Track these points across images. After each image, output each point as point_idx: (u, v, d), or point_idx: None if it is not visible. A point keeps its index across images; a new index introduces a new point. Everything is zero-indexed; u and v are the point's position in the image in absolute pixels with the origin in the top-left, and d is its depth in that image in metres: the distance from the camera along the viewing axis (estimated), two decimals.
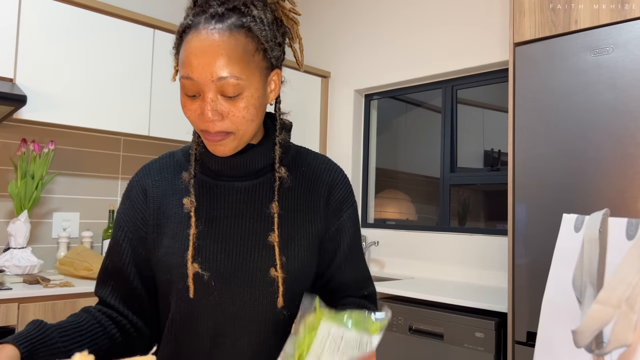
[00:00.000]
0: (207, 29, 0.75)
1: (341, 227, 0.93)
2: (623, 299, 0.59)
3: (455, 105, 3.01)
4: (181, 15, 3.09)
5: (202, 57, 0.74)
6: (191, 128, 1.00)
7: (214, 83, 0.75)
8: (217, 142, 0.79)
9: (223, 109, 0.77)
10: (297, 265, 0.86)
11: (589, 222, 0.69)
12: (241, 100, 0.77)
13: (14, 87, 2.12)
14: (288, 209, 0.88)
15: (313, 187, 0.91)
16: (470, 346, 2.06)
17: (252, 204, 0.87)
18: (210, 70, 0.74)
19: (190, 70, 0.75)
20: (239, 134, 0.80)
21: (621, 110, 1.73)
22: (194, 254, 0.84)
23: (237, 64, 0.75)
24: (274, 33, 0.82)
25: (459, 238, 2.82)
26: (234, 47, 0.75)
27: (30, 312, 1.96)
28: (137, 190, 0.91)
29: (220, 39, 0.75)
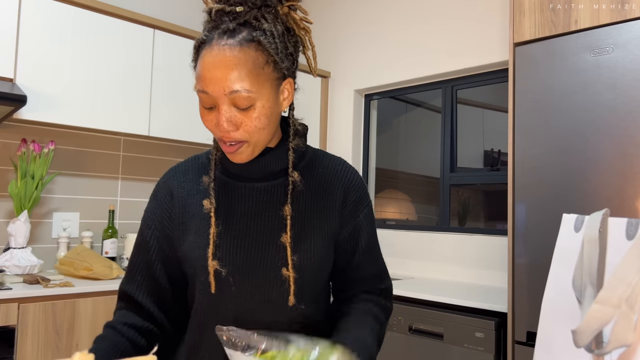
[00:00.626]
0: (219, 45, 0.79)
1: (358, 227, 0.97)
2: (623, 299, 0.59)
3: (455, 105, 3.01)
4: (181, 15, 3.10)
5: (215, 71, 0.78)
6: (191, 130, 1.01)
7: (226, 96, 0.79)
8: (234, 152, 0.85)
9: (237, 120, 0.81)
10: (310, 265, 0.90)
11: (588, 222, 0.69)
12: (253, 111, 0.81)
13: (14, 87, 2.12)
14: (303, 210, 0.92)
15: (329, 189, 0.95)
16: (470, 346, 2.07)
17: (268, 204, 0.92)
18: (222, 84, 0.79)
19: (204, 84, 0.80)
20: (253, 141, 0.84)
21: (621, 110, 1.73)
22: (214, 251, 0.89)
23: (247, 77, 0.79)
24: (284, 44, 0.85)
25: (458, 238, 2.82)
26: (244, 62, 0.79)
27: (30, 312, 1.96)
28: (164, 191, 0.97)
29: (231, 54, 0.78)
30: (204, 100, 0.82)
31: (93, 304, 2.12)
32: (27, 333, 1.95)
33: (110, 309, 2.17)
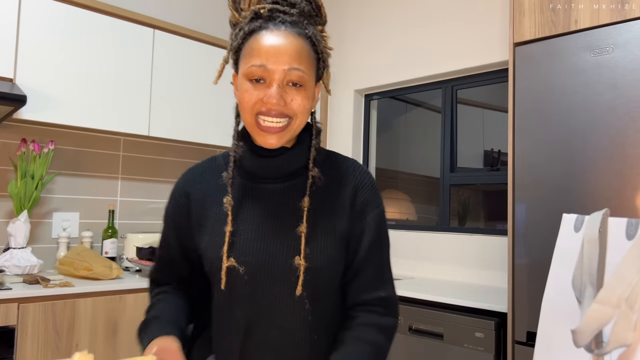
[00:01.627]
0: (279, 30, 0.89)
1: (364, 228, 0.97)
2: (623, 299, 0.59)
3: (455, 105, 3.01)
4: (181, 15, 3.09)
5: (279, 48, 0.87)
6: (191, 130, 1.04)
7: (285, 72, 0.87)
8: (273, 133, 0.89)
9: (288, 95, 0.88)
10: (321, 258, 0.92)
11: (588, 222, 0.69)
12: (303, 90, 0.89)
13: (14, 87, 2.12)
14: (317, 208, 0.95)
15: (340, 189, 0.97)
16: (470, 346, 2.06)
17: (285, 204, 0.95)
18: (284, 60, 0.87)
19: (265, 58, 0.87)
20: (294, 123, 0.90)
21: (621, 110, 1.73)
22: (228, 249, 0.92)
23: (304, 60, 0.89)
24: (323, 51, 0.96)
25: (458, 238, 2.82)
26: (302, 48, 0.89)
27: (30, 312, 1.96)
28: (181, 193, 1.01)
29: (294, 38, 0.89)
30: (257, 73, 0.87)
31: (93, 304, 2.12)
32: (27, 333, 1.95)
33: (111, 308, 2.17)
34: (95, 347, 2.13)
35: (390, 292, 0.98)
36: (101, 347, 2.14)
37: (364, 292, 0.97)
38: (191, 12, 3.18)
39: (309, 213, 0.93)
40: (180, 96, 2.78)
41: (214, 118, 2.92)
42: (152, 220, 2.99)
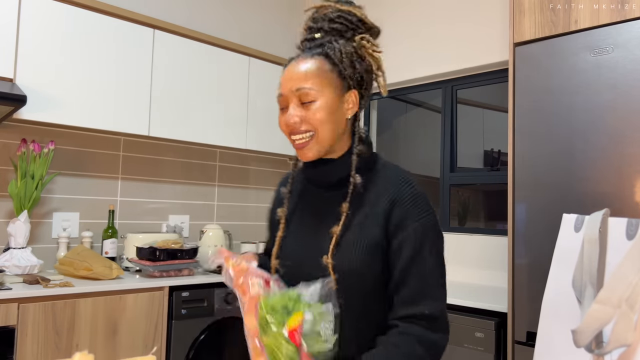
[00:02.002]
0: (297, 59, 1.02)
1: (404, 241, 0.97)
2: (623, 299, 0.59)
3: (455, 105, 3.01)
4: (181, 15, 3.09)
5: (288, 76, 1.01)
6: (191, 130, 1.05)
7: (294, 94, 0.99)
8: (303, 147, 1.00)
9: (300, 113, 0.99)
10: (348, 259, 0.97)
11: (589, 222, 0.69)
12: (314, 105, 0.99)
13: (14, 87, 2.12)
14: (354, 214, 1.01)
15: (378, 199, 1.01)
16: (470, 346, 2.06)
17: (326, 210, 1.05)
18: (291, 84, 0.99)
19: (281, 88, 1.02)
20: (318, 135, 0.99)
21: (621, 110, 1.73)
22: (277, 252, 1.07)
23: (311, 78, 0.99)
24: (351, 60, 1.03)
25: (459, 238, 2.82)
26: (311, 66, 1.00)
27: (30, 312, 1.96)
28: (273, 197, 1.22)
29: (303, 63, 1.01)
30: (280, 102, 1.02)
31: (93, 304, 2.12)
32: (27, 333, 1.95)
33: (111, 308, 2.17)
34: (96, 347, 2.13)
35: (434, 308, 0.95)
36: (101, 347, 2.14)
37: (406, 306, 0.95)
38: (191, 12, 3.18)
39: (346, 218, 1.00)
40: (180, 96, 2.78)
41: (214, 118, 2.92)
42: (152, 220, 2.99)
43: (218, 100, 2.95)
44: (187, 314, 2.40)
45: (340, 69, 1.01)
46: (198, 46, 2.87)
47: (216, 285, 2.53)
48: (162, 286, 2.34)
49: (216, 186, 3.30)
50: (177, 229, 2.91)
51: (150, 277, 2.40)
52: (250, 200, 3.46)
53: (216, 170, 3.30)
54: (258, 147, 3.15)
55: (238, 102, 3.06)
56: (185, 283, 2.40)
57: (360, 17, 1.07)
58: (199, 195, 3.21)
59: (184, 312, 2.39)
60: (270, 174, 3.59)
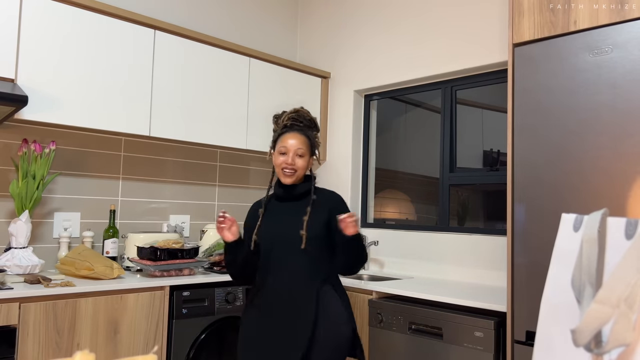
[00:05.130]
0: (294, 132, 1.93)
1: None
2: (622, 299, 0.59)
3: (454, 105, 3.01)
4: (181, 16, 3.10)
5: (293, 141, 1.91)
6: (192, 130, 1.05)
7: (295, 150, 1.90)
8: (289, 176, 1.90)
9: (297, 160, 1.90)
10: (312, 231, 1.87)
11: (588, 222, 0.69)
12: (304, 159, 1.92)
13: (15, 88, 2.12)
14: (312, 213, 1.91)
15: (323, 204, 1.94)
16: (469, 345, 2.07)
17: (295, 211, 1.93)
18: (295, 145, 1.90)
19: (287, 144, 1.90)
20: (298, 173, 1.91)
21: (620, 110, 1.73)
22: (257, 231, 1.94)
23: (304, 145, 1.92)
24: (314, 143, 1.99)
25: (458, 238, 2.82)
26: (304, 141, 1.93)
27: (32, 311, 1.97)
28: (252, 210, 2.04)
29: (300, 136, 1.92)
30: (282, 150, 1.90)
31: (94, 303, 2.13)
32: (28, 333, 1.96)
33: (112, 308, 2.18)
34: (97, 347, 2.14)
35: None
36: (102, 347, 2.15)
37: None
38: (192, 12, 3.18)
39: (310, 213, 1.92)
40: (181, 96, 2.78)
41: (214, 118, 2.93)
42: (153, 220, 3.00)
43: (218, 100, 2.96)
44: (187, 313, 2.40)
45: (312, 145, 1.96)
46: (198, 47, 2.88)
47: (217, 284, 2.54)
48: (162, 286, 2.35)
49: (216, 186, 3.30)
50: (177, 229, 2.91)
51: (151, 276, 2.41)
52: (250, 200, 3.47)
53: (216, 170, 3.31)
54: (258, 147, 3.15)
55: (238, 102, 3.06)
56: (186, 282, 2.41)
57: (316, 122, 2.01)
58: (199, 195, 3.21)
59: (185, 311, 2.40)
60: (270, 174, 3.59)
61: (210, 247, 2.86)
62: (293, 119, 1.93)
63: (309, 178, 1.98)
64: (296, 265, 1.84)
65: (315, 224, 1.87)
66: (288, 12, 3.77)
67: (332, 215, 1.90)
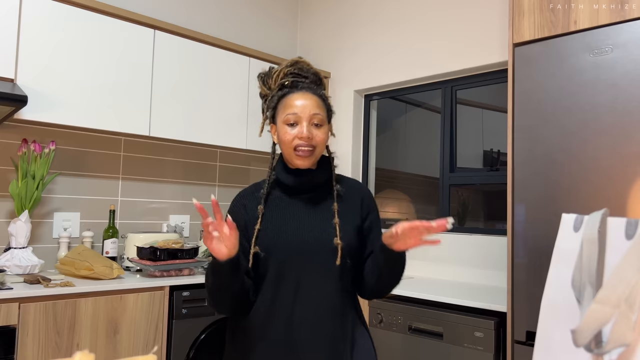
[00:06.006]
0: (302, 92, 1.35)
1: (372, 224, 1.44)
2: (622, 299, 0.59)
3: (454, 105, 3.01)
4: (181, 16, 3.09)
5: (305, 102, 1.33)
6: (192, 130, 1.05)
7: (310, 116, 1.32)
8: (305, 157, 1.32)
9: (313, 132, 1.32)
10: (347, 239, 1.34)
11: (588, 222, 0.69)
12: (322, 129, 1.35)
13: (15, 88, 2.12)
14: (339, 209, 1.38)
15: (350, 197, 1.42)
16: (469, 346, 2.07)
17: (314, 207, 1.37)
18: (309, 108, 1.33)
19: (296, 109, 1.32)
20: (317, 150, 1.34)
21: (620, 110, 1.73)
22: (257, 239, 1.32)
23: (321, 109, 1.35)
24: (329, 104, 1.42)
25: (458, 238, 2.82)
26: (318, 101, 1.35)
27: (31, 311, 1.96)
28: (239, 205, 1.40)
29: (312, 95, 1.35)
30: (291, 119, 1.32)
31: (94, 303, 2.13)
32: (28, 333, 1.96)
33: (111, 308, 2.18)
34: (96, 347, 2.14)
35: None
36: (102, 347, 2.15)
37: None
38: (191, 12, 3.18)
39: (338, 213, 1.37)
40: (181, 96, 2.78)
41: (214, 118, 2.92)
42: (153, 220, 3.00)
43: (218, 100, 2.96)
44: (187, 313, 2.40)
45: (327, 110, 1.39)
46: (198, 46, 2.87)
47: None
48: (162, 286, 2.35)
49: (216, 186, 3.30)
50: (177, 229, 2.91)
51: (150, 276, 2.41)
52: None
53: (216, 170, 3.30)
54: (258, 147, 3.15)
55: (238, 102, 3.06)
56: (185, 283, 2.41)
57: (322, 77, 1.46)
58: (199, 195, 3.21)
59: (185, 311, 2.39)
60: None
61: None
62: (294, 74, 1.39)
63: (325, 160, 1.43)
64: (325, 291, 1.29)
65: (348, 228, 1.35)
66: (288, 12, 3.77)
67: (365, 215, 1.41)
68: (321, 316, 1.28)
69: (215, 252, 1.14)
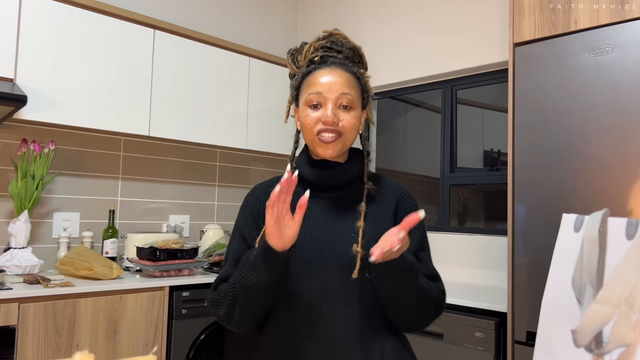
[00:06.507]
0: (331, 67, 1.13)
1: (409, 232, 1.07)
2: (623, 299, 0.59)
3: (455, 105, 3.01)
4: (181, 15, 3.09)
5: (332, 79, 1.11)
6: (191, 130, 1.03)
7: (337, 96, 1.09)
8: (329, 143, 1.09)
9: (340, 115, 1.10)
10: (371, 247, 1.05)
11: (588, 222, 0.69)
12: (351, 112, 1.11)
13: (15, 87, 2.12)
14: (368, 212, 1.14)
15: (384, 199, 1.17)
16: (470, 346, 2.07)
17: (340, 208, 1.14)
18: (336, 87, 1.10)
19: (320, 87, 1.10)
20: (344, 138, 1.11)
21: (620, 110, 1.73)
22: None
23: (352, 88, 1.12)
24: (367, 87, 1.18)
25: (458, 238, 2.82)
26: (350, 79, 1.12)
27: (31, 312, 1.96)
28: (253, 199, 1.19)
29: (342, 72, 1.12)
30: (314, 99, 1.10)
31: (93, 304, 2.13)
32: (28, 333, 1.96)
33: (111, 308, 2.17)
34: (96, 347, 2.13)
35: (443, 287, 1.15)
36: (102, 347, 2.15)
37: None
38: (191, 12, 3.18)
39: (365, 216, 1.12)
40: (181, 96, 2.78)
41: (214, 118, 2.92)
42: (153, 220, 2.99)
43: (218, 100, 2.95)
44: (187, 313, 2.40)
45: (363, 91, 1.16)
46: (198, 46, 2.87)
47: None
48: (162, 286, 2.34)
49: (216, 186, 3.30)
50: (177, 229, 2.91)
51: (150, 277, 2.40)
52: None
53: (216, 170, 3.30)
54: (258, 147, 3.15)
55: (238, 102, 3.06)
56: (185, 283, 2.41)
57: (361, 54, 1.23)
58: (199, 195, 3.21)
59: (185, 312, 2.39)
60: (270, 174, 3.59)
61: (209, 247, 2.85)
62: (325, 47, 1.18)
63: (358, 153, 1.21)
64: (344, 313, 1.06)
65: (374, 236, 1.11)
66: (288, 12, 3.77)
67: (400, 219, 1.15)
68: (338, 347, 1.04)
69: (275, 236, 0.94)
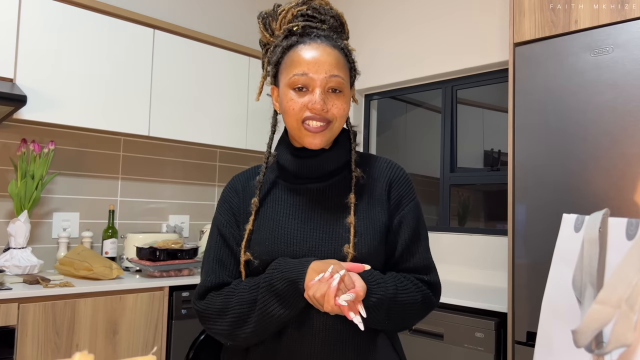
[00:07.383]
0: (316, 42, 0.99)
1: (402, 220, 1.03)
2: (623, 299, 0.59)
3: (455, 105, 3.01)
4: (181, 15, 3.09)
5: (319, 58, 0.96)
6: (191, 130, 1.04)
7: (326, 79, 0.96)
8: (317, 133, 0.96)
9: (329, 101, 0.97)
10: (366, 248, 0.98)
11: (588, 222, 0.69)
12: (341, 96, 0.99)
13: (14, 87, 2.12)
14: (359, 204, 1.02)
15: (376, 184, 1.04)
16: (470, 346, 2.07)
17: (327, 201, 1.02)
18: (325, 68, 0.96)
19: (307, 68, 0.96)
20: (333, 126, 0.99)
21: (621, 110, 1.73)
22: (246, 245, 1.00)
23: (341, 69, 0.99)
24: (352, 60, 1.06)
25: (458, 238, 2.82)
26: (338, 58, 0.99)
27: (31, 312, 1.96)
28: (231, 192, 1.08)
29: (331, 49, 0.99)
30: (300, 81, 0.96)
31: (93, 304, 2.12)
32: (27, 333, 1.95)
33: (111, 309, 2.17)
34: (96, 347, 2.13)
35: (434, 278, 1.05)
36: (101, 347, 2.14)
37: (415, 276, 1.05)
38: (191, 12, 3.18)
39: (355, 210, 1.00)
40: (181, 96, 2.78)
41: (214, 118, 2.92)
42: (152, 220, 2.99)
43: (218, 100, 2.95)
44: (187, 314, 2.40)
45: (351, 68, 1.04)
46: (198, 46, 2.87)
47: None
48: (162, 286, 2.34)
49: (216, 186, 3.30)
50: (177, 229, 2.91)
51: (150, 277, 2.40)
52: None
53: (216, 170, 3.30)
54: (258, 147, 3.15)
55: (238, 102, 3.06)
56: (185, 283, 2.40)
57: (344, 23, 1.11)
58: (199, 195, 3.21)
59: (184, 312, 2.39)
60: None
61: None
62: (306, 16, 1.04)
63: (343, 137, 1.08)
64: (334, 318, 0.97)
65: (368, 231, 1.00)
66: None
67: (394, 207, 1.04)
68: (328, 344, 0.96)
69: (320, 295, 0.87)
